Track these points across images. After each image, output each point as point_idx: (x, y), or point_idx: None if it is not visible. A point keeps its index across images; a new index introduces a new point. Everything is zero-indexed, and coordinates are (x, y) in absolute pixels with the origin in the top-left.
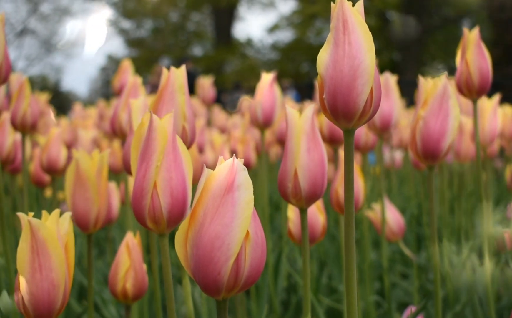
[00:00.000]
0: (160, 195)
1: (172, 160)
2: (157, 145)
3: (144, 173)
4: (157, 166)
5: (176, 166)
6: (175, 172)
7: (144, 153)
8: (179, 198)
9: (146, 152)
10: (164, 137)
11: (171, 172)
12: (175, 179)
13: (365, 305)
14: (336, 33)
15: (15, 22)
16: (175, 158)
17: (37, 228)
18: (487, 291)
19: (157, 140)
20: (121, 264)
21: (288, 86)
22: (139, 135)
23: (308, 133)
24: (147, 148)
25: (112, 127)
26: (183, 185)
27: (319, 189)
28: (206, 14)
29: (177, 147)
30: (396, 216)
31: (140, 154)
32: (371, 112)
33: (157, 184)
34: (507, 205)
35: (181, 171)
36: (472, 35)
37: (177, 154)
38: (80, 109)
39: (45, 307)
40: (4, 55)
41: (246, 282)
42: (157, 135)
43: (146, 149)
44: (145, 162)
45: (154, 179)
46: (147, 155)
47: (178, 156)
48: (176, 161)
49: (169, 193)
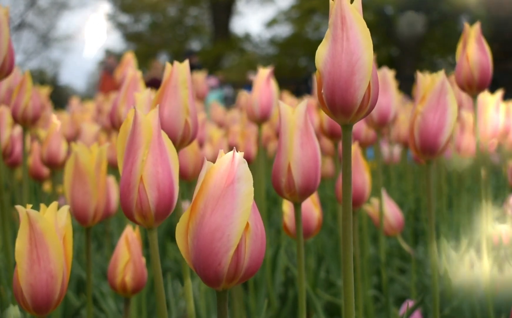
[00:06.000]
0: (147, 189)
1: (158, 154)
2: (142, 139)
3: (130, 167)
4: (143, 161)
5: (162, 160)
6: (161, 166)
7: (129, 148)
8: (166, 192)
9: (131, 147)
10: (149, 131)
11: (157, 166)
12: (161, 173)
13: (363, 299)
14: (335, 29)
15: (12, 16)
16: (160, 152)
17: (35, 219)
18: (485, 287)
19: (141, 134)
20: (121, 257)
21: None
22: (124, 130)
23: (301, 128)
24: (133, 143)
25: (112, 120)
26: (169, 179)
27: (312, 183)
28: (204, 9)
29: (163, 141)
30: (394, 210)
31: (126, 149)
32: (369, 107)
33: (143, 178)
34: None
35: (167, 165)
36: (473, 30)
37: (163, 148)
38: (77, 103)
39: (43, 298)
40: (8, 49)
41: (246, 273)
42: (142, 130)
43: (131, 144)
44: (131, 157)
45: (140, 174)
46: (132, 150)
47: (163, 150)
48: (162, 155)
49: (156, 187)
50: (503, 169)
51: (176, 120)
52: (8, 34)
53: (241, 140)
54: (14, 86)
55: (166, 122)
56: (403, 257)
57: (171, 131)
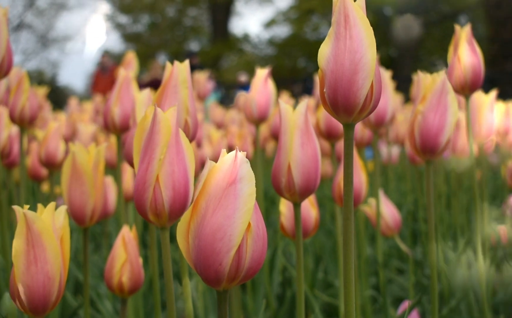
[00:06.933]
0: (162, 188)
1: (175, 154)
2: (160, 138)
3: (146, 166)
4: (160, 159)
5: (179, 159)
6: (178, 165)
7: (147, 146)
8: (181, 192)
9: (149, 145)
10: (168, 130)
11: (173, 166)
12: (177, 173)
13: (360, 299)
14: (338, 27)
15: (11, 17)
16: (178, 151)
17: (33, 220)
18: (482, 287)
19: (160, 133)
20: (117, 258)
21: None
22: (142, 128)
23: (301, 128)
24: (150, 141)
25: (105, 121)
26: (185, 178)
27: (312, 183)
28: (203, 9)
29: (180, 140)
30: (392, 211)
31: (143, 147)
32: (371, 107)
33: (159, 178)
34: (503, 201)
35: (184, 165)
36: (464, 32)
37: (180, 147)
38: (75, 103)
39: (40, 299)
40: (6, 49)
41: (247, 273)
42: (161, 128)
43: (149, 142)
44: (148, 155)
45: (157, 172)
46: (150, 148)
47: (181, 149)
48: (179, 155)
49: (171, 186)
50: (501, 170)
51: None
52: (7, 34)
53: (238, 140)
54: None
55: None
56: (401, 257)
57: None
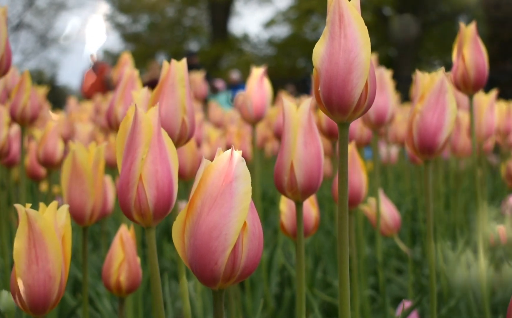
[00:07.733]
0: (146, 188)
1: (157, 153)
2: (142, 138)
3: (129, 166)
4: (143, 159)
5: (162, 159)
6: (161, 165)
7: (129, 146)
8: (165, 191)
9: (131, 145)
10: (150, 130)
11: (156, 165)
12: (160, 172)
13: (360, 299)
14: (332, 26)
15: (11, 16)
16: (160, 151)
17: (34, 219)
18: (481, 287)
19: (142, 133)
20: (115, 257)
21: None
22: (124, 128)
23: (305, 126)
24: (133, 141)
25: (108, 120)
26: (168, 177)
27: (315, 182)
28: (203, 9)
29: (163, 140)
30: (391, 210)
31: (126, 147)
32: (366, 106)
33: (142, 177)
34: (502, 201)
35: (167, 164)
36: (469, 31)
37: (163, 147)
38: (74, 103)
39: (40, 298)
40: (6, 48)
41: (242, 272)
42: (142, 128)
43: (131, 142)
44: (131, 155)
45: (140, 172)
46: (132, 148)
47: (163, 149)
48: (162, 154)
49: (155, 185)
50: (501, 170)
51: (173, 119)
52: (6, 33)
53: (237, 140)
54: (11, 85)
55: (163, 120)
56: (400, 257)
57: (168, 129)
